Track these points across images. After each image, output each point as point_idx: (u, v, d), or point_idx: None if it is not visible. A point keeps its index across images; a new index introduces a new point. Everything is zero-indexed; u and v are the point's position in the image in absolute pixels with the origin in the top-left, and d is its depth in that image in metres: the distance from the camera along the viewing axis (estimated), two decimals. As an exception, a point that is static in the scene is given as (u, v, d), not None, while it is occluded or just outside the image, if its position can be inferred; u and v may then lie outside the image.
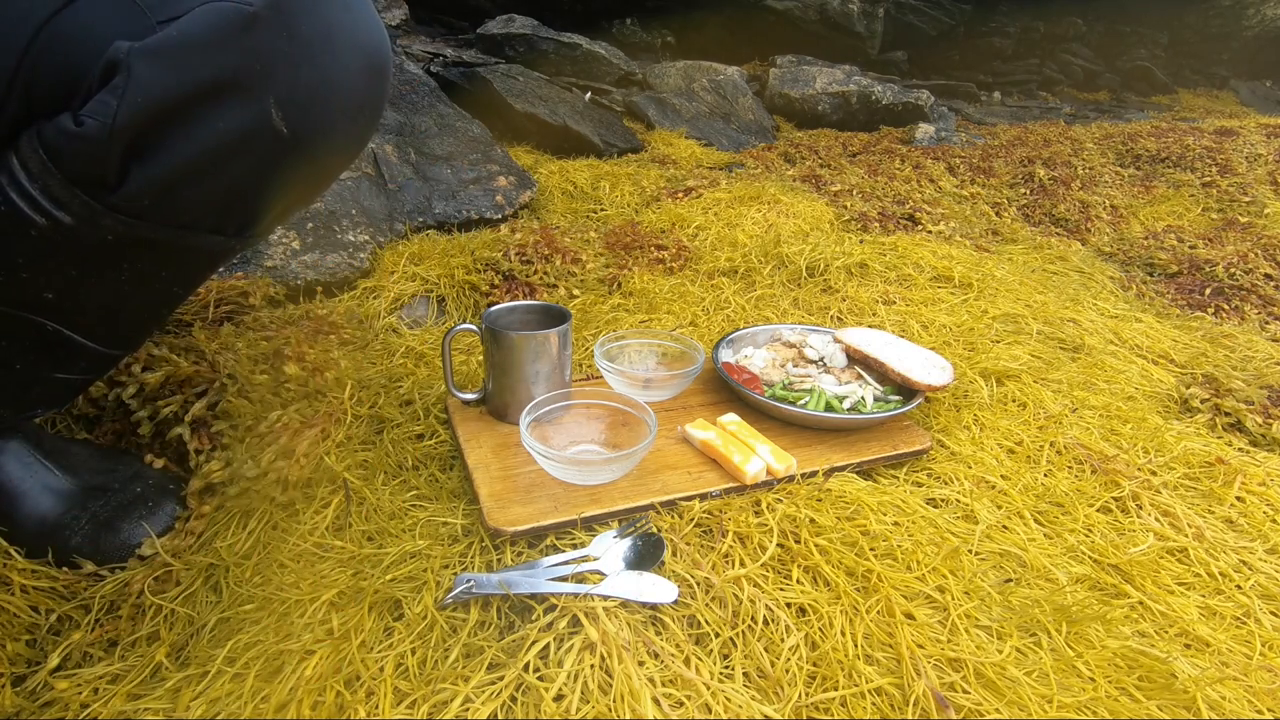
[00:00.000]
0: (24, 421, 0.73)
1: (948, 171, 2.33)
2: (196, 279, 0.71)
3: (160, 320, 0.73)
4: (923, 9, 4.46)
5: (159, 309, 0.70)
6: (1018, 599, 0.62)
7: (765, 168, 2.28)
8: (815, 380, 0.88)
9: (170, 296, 0.69)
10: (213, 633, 0.63)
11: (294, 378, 0.86)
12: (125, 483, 0.75)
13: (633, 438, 0.74)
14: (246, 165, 0.57)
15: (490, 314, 0.83)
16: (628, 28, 3.85)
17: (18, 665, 0.63)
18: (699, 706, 0.50)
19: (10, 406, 0.68)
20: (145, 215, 0.57)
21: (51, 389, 0.69)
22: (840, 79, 3.26)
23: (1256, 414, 0.95)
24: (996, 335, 1.14)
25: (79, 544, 0.70)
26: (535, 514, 0.66)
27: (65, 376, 0.67)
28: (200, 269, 0.68)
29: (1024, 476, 0.79)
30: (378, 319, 1.11)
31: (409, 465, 0.78)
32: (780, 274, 1.34)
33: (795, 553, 0.64)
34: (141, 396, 0.84)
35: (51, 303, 0.61)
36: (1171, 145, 2.63)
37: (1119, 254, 1.80)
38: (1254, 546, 0.71)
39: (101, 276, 0.61)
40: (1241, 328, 1.32)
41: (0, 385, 0.65)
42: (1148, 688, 0.56)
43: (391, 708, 0.51)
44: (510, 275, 1.27)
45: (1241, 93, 5.49)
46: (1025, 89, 4.81)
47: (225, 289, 1.06)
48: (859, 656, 0.55)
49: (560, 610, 0.57)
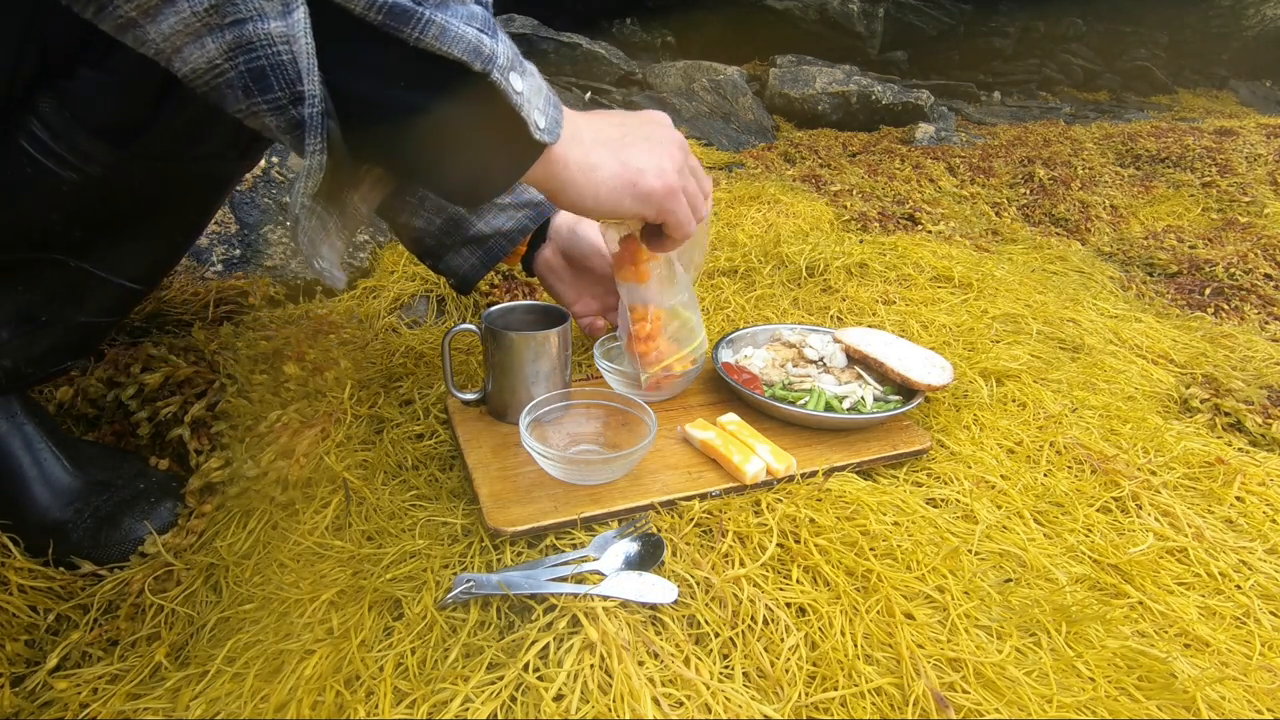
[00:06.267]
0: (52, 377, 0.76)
1: (948, 171, 2.33)
2: (211, 205, 0.74)
3: (178, 250, 0.76)
4: (923, 9, 4.46)
5: (175, 236, 0.73)
6: (1018, 599, 0.62)
7: (765, 167, 2.29)
8: (815, 380, 0.88)
9: (187, 224, 0.72)
10: (212, 632, 0.63)
11: (294, 378, 0.86)
12: (129, 480, 0.76)
13: (633, 438, 0.74)
14: None
15: (490, 314, 0.83)
16: (628, 28, 3.85)
17: (16, 665, 0.63)
18: (699, 706, 0.50)
19: (37, 362, 0.70)
20: (169, 155, 0.60)
21: (76, 336, 0.71)
22: (840, 79, 3.26)
23: (1256, 414, 0.95)
24: (996, 335, 1.14)
25: (80, 539, 0.71)
26: (535, 514, 0.66)
27: (89, 320, 0.70)
28: (214, 194, 0.72)
29: (1024, 476, 0.79)
30: (378, 319, 1.11)
31: (409, 465, 0.78)
32: (780, 274, 1.34)
33: (795, 553, 0.64)
34: (141, 397, 0.84)
35: (77, 241, 0.64)
36: (1171, 145, 2.63)
37: (1119, 254, 1.80)
38: (1254, 546, 0.71)
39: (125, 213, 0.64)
40: (1241, 328, 1.32)
41: (26, 339, 0.67)
42: (1147, 688, 0.56)
43: (391, 707, 0.51)
44: (510, 275, 1.27)
45: (1241, 93, 5.49)
46: (1025, 89, 4.81)
47: (225, 289, 1.06)
48: (859, 656, 0.55)
49: (560, 610, 0.57)
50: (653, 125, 0.64)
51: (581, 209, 0.60)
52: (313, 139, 0.45)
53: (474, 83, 0.47)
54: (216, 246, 1.14)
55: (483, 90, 0.48)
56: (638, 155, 0.60)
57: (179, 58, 0.43)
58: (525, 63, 0.51)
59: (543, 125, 0.51)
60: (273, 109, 0.44)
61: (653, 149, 0.62)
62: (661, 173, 0.61)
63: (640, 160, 0.60)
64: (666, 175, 0.62)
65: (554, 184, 0.57)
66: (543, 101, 0.52)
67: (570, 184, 0.57)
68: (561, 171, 0.56)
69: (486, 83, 0.47)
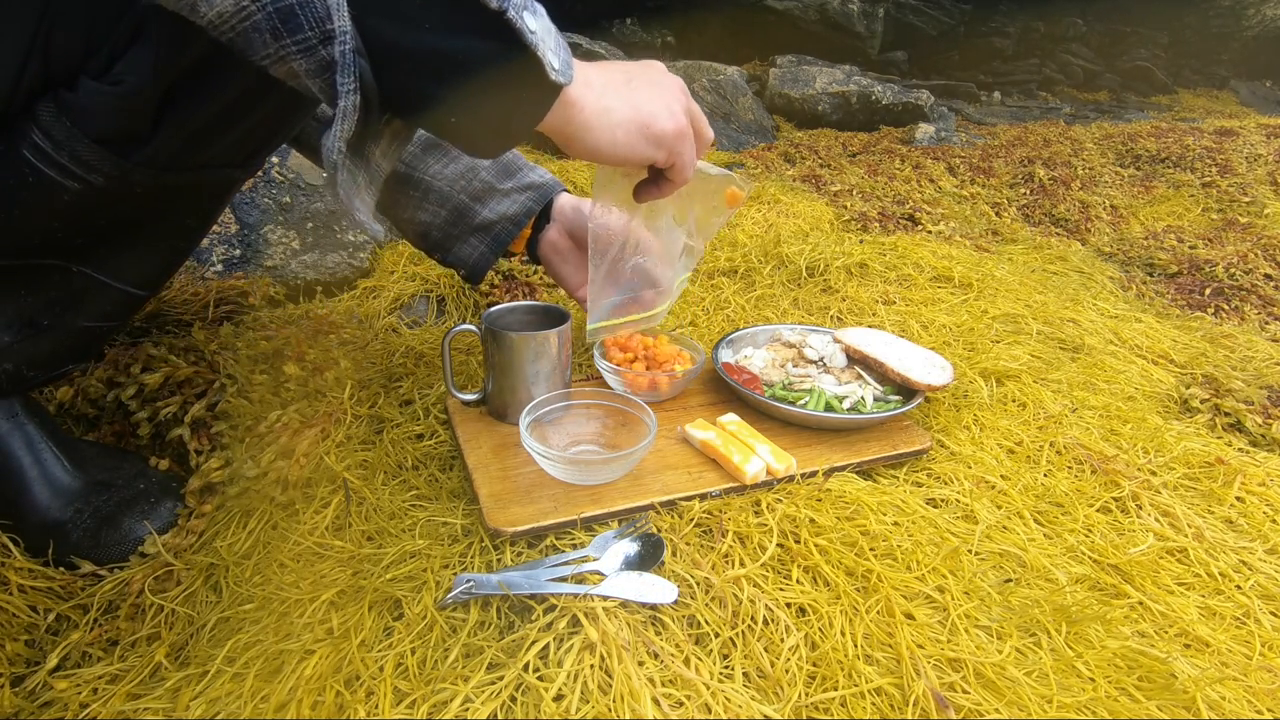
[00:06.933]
0: (53, 380, 0.76)
1: (948, 171, 2.33)
2: (212, 213, 0.74)
3: (180, 256, 0.77)
4: (923, 9, 4.46)
5: (176, 243, 0.73)
6: (1018, 599, 0.62)
7: (765, 168, 2.29)
8: (815, 380, 0.88)
9: (187, 230, 0.72)
10: (212, 632, 0.63)
11: (294, 378, 0.86)
12: (129, 480, 0.76)
13: (633, 438, 0.74)
14: (274, 104, 0.60)
15: (490, 314, 0.83)
16: (628, 28, 3.85)
17: (16, 665, 0.63)
18: (699, 706, 0.50)
19: (39, 366, 0.70)
20: (172, 165, 0.60)
21: (77, 341, 0.71)
22: (840, 79, 3.26)
23: (1256, 414, 0.95)
24: (996, 335, 1.14)
25: (80, 539, 0.71)
26: (535, 514, 0.66)
27: (90, 325, 0.70)
28: (214, 202, 0.72)
29: (1024, 476, 0.79)
30: (378, 319, 1.11)
31: (409, 465, 0.78)
32: (780, 274, 1.34)
33: (795, 553, 0.64)
34: (141, 397, 0.84)
35: (79, 247, 0.64)
36: (1171, 145, 2.63)
37: (1119, 254, 1.80)
38: (1254, 547, 0.71)
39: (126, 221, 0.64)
40: (1241, 328, 1.32)
41: (28, 343, 0.67)
42: (1148, 688, 0.56)
43: (391, 708, 0.51)
44: (510, 275, 1.27)
45: (1241, 93, 5.49)
46: (1025, 89, 4.81)
47: (225, 289, 1.06)
48: (859, 656, 0.55)
49: (560, 610, 0.57)
50: (654, 70, 0.65)
51: (598, 154, 0.60)
52: (345, 79, 0.44)
53: (491, 21, 0.47)
54: (216, 247, 1.14)
55: (500, 29, 0.47)
56: (647, 99, 0.61)
57: (205, 3, 0.42)
58: (536, 3, 0.51)
59: (557, 66, 0.51)
60: (302, 50, 0.43)
61: (660, 92, 0.62)
62: (673, 114, 0.62)
63: (650, 104, 0.61)
64: (677, 116, 0.62)
65: (571, 128, 0.57)
66: (554, 42, 0.51)
67: (586, 127, 0.57)
68: (578, 115, 0.56)
69: (503, 20, 0.46)
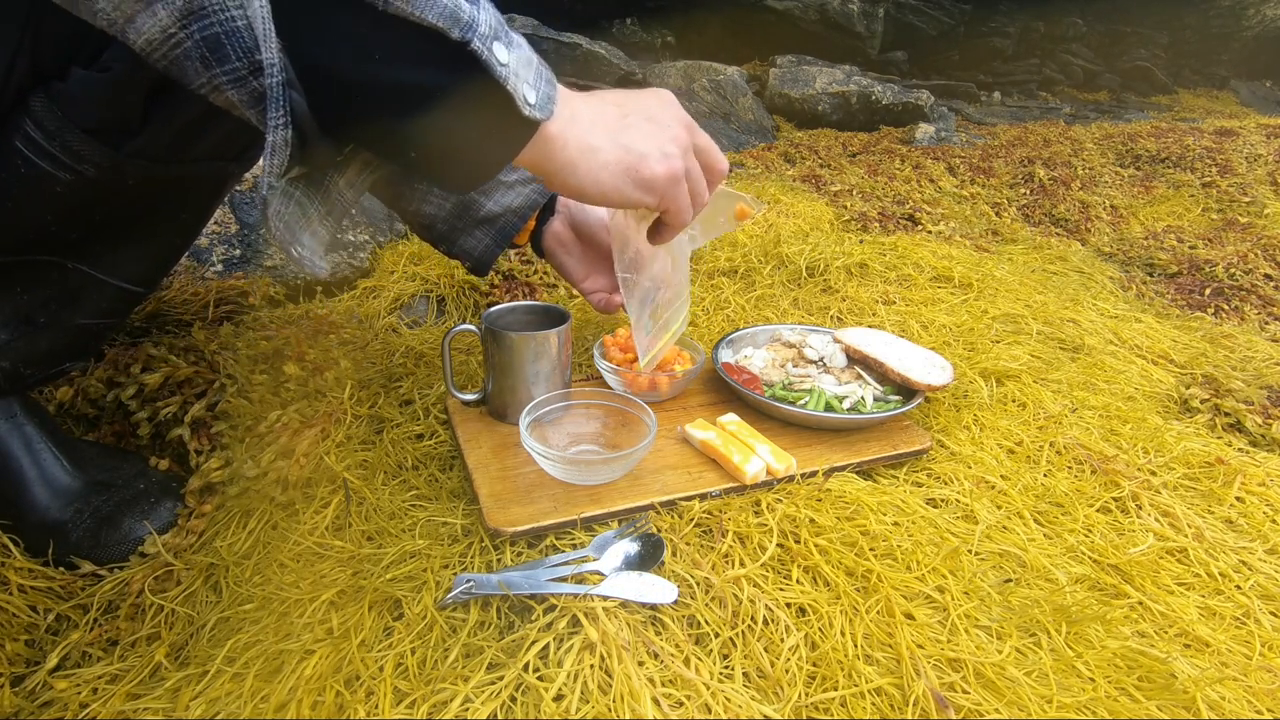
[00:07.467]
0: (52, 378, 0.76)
1: (948, 171, 2.33)
2: (208, 207, 0.74)
3: (176, 252, 0.76)
4: (923, 9, 4.46)
5: (172, 239, 0.73)
6: (1017, 599, 0.62)
7: (765, 168, 2.29)
8: (815, 380, 0.88)
9: (183, 226, 0.72)
10: (212, 632, 0.63)
11: (294, 378, 0.86)
12: (129, 480, 0.76)
13: (633, 438, 0.74)
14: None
15: (490, 314, 0.83)
16: (628, 28, 3.85)
17: (16, 665, 0.63)
18: (699, 706, 0.50)
19: (37, 364, 0.70)
20: (163, 157, 0.60)
21: (75, 338, 0.71)
22: (840, 79, 3.26)
23: (1256, 414, 0.95)
24: (996, 335, 1.14)
25: (80, 539, 0.71)
26: (535, 514, 0.66)
27: (88, 322, 0.70)
28: (210, 197, 0.72)
29: (1024, 476, 0.79)
30: (378, 319, 1.11)
31: (409, 465, 0.78)
32: (780, 274, 1.34)
33: (795, 553, 0.64)
34: (141, 397, 0.84)
35: (74, 243, 0.64)
36: (1171, 145, 2.63)
37: (1119, 254, 1.80)
38: (1254, 547, 0.71)
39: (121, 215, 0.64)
40: (1241, 328, 1.32)
41: (25, 341, 0.67)
42: (1147, 688, 0.56)
43: (391, 707, 0.51)
44: (510, 275, 1.27)
45: (1241, 93, 5.49)
46: (1025, 89, 4.81)
47: (225, 289, 1.06)
48: (859, 656, 0.55)
49: (560, 610, 0.57)
50: (655, 105, 0.60)
51: (582, 194, 0.57)
52: (274, 112, 0.41)
53: (453, 53, 0.44)
54: (216, 246, 1.14)
55: (464, 61, 0.44)
56: (640, 139, 0.57)
57: (132, 28, 0.40)
58: (512, 34, 0.48)
59: (533, 100, 0.48)
60: (233, 82, 0.42)
61: (656, 131, 0.58)
62: (665, 157, 0.58)
63: (643, 144, 0.57)
64: (671, 160, 0.58)
65: (552, 166, 0.54)
66: (533, 75, 0.48)
67: (569, 166, 0.54)
68: (560, 153, 0.53)
69: (467, 52, 0.44)
